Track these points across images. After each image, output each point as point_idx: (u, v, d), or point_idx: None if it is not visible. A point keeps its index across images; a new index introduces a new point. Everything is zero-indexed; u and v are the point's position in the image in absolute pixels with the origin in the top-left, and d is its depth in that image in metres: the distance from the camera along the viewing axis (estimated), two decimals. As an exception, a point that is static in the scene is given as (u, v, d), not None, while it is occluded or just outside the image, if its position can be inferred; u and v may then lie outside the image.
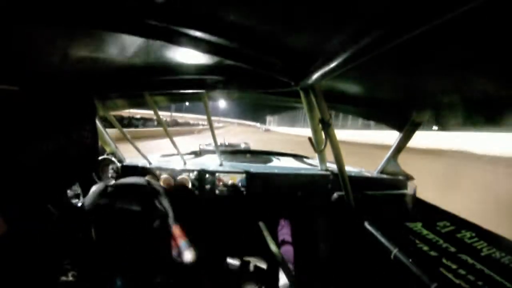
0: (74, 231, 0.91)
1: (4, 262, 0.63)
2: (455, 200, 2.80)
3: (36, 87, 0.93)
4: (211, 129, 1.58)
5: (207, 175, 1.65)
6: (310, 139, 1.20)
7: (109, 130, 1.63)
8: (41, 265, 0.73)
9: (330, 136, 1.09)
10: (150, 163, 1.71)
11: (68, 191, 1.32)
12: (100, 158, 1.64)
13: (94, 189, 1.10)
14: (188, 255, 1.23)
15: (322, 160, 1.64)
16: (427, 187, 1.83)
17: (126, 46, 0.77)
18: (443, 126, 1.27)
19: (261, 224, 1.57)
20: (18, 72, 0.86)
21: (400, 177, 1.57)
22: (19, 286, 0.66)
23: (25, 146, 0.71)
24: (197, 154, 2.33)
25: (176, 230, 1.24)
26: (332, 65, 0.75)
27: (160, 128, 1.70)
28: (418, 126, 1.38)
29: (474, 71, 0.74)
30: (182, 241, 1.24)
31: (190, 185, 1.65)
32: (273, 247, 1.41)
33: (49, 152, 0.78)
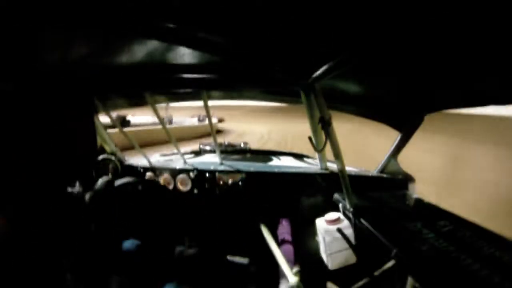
0: (73, 229, 0.91)
1: (4, 261, 0.63)
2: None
3: (35, 86, 0.93)
4: (211, 128, 1.58)
5: (207, 175, 1.65)
6: (310, 138, 1.20)
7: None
8: (41, 263, 0.73)
9: (330, 136, 1.09)
10: (150, 163, 1.71)
11: (68, 190, 1.32)
12: (100, 157, 1.64)
13: (95, 186, 1.11)
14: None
15: (322, 159, 1.64)
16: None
17: (126, 46, 0.77)
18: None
19: (261, 224, 1.57)
20: (17, 71, 0.85)
21: (400, 177, 1.57)
22: (20, 284, 0.66)
23: (24, 145, 0.71)
24: (197, 153, 2.33)
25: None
26: (332, 64, 0.75)
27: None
28: (418, 125, 1.38)
29: (473, 71, 0.74)
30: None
31: (190, 185, 1.65)
32: (273, 247, 1.41)
33: (48, 151, 0.78)
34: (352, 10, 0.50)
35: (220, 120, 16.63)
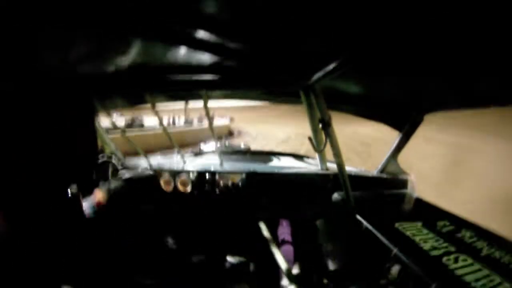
0: (74, 230, 0.91)
1: (4, 261, 0.63)
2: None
3: (35, 87, 0.93)
4: (211, 128, 1.58)
5: (207, 175, 1.65)
6: (310, 138, 1.20)
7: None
8: (41, 263, 0.73)
9: (330, 136, 1.09)
10: (150, 163, 1.71)
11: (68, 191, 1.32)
12: (100, 158, 1.64)
13: (100, 188, 1.11)
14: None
15: (322, 159, 1.64)
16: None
17: (126, 46, 0.77)
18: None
19: (261, 224, 1.57)
20: (17, 72, 0.86)
21: (400, 177, 1.58)
22: (20, 284, 0.65)
23: (25, 146, 0.71)
24: (197, 154, 2.33)
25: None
26: (332, 65, 0.75)
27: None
28: (418, 125, 1.38)
29: (474, 71, 0.74)
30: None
31: (190, 185, 1.65)
32: (273, 247, 1.41)
33: (48, 152, 0.78)
34: (352, 10, 0.50)
35: (231, 120, 15.79)
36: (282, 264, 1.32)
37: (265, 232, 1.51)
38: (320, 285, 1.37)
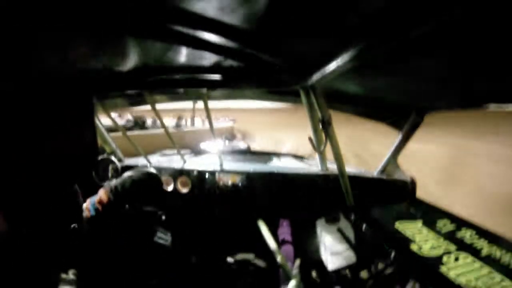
0: (74, 230, 0.91)
1: (3, 260, 0.63)
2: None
3: (35, 87, 0.93)
4: (211, 128, 1.58)
5: (207, 175, 1.65)
6: (310, 139, 1.20)
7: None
8: (41, 264, 0.73)
9: (330, 136, 1.09)
10: (150, 163, 1.71)
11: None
12: (99, 158, 1.64)
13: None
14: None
15: (323, 160, 1.64)
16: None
17: (126, 46, 0.77)
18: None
19: (261, 223, 1.57)
20: (17, 72, 0.86)
21: (400, 177, 1.58)
22: (19, 284, 0.65)
23: (25, 146, 0.71)
24: (197, 154, 2.33)
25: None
26: (332, 65, 0.75)
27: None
28: (418, 126, 1.38)
29: (472, 71, 0.75)
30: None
31: (190, 185, 1.65)
32: (273, 246, 1.41)
33: (48, 151, 0.78)
34: (351, 10, 0.50)
35: (234, 122, 15.16)
36: (282, 264, 1.32)
37: (265, 233, 1.51)
38: (320, 285, 1.37)
